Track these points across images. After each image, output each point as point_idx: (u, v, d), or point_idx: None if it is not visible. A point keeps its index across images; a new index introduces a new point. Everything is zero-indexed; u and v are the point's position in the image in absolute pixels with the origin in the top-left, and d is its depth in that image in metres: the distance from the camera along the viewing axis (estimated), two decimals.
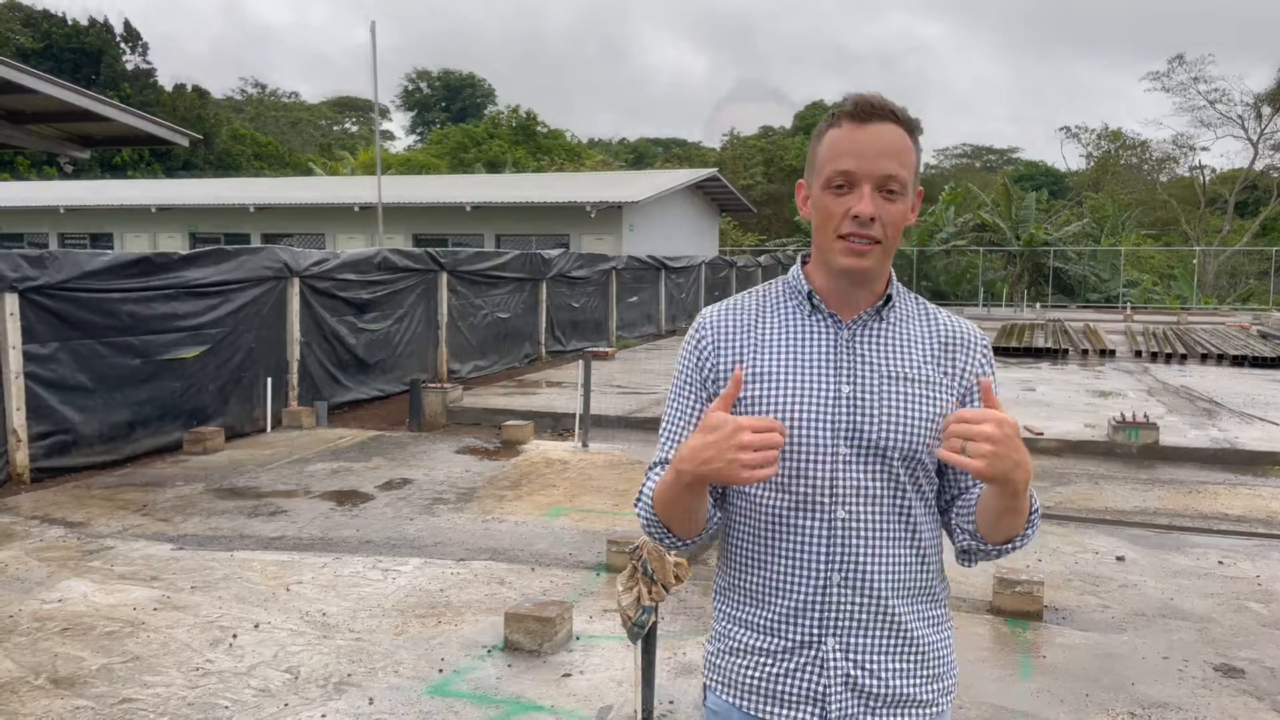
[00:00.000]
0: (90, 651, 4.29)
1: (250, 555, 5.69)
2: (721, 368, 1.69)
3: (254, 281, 9.58)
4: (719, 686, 1.72)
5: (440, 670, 4.16)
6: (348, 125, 72.09)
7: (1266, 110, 42.39)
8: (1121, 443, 9.12)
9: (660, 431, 1.79)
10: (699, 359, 1.72)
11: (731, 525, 1.72)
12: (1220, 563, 5.82)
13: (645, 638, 3.42)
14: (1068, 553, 5.97)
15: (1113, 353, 17.73)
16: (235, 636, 4.47)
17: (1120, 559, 5.86)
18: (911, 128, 1.63)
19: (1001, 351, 17.82)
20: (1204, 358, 16.86)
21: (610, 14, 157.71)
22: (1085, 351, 17.88)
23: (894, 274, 1.71)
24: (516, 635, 4.35)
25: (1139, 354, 17.48)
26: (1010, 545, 1.64)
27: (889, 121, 1.60)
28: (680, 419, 1.73)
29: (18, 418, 7.36)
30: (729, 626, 1.72)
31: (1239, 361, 16.30)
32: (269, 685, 3.99)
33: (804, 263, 1.74)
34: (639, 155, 61.53)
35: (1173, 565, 5.77)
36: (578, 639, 4.49)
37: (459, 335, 13.53)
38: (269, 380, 9.69)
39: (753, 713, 1.67)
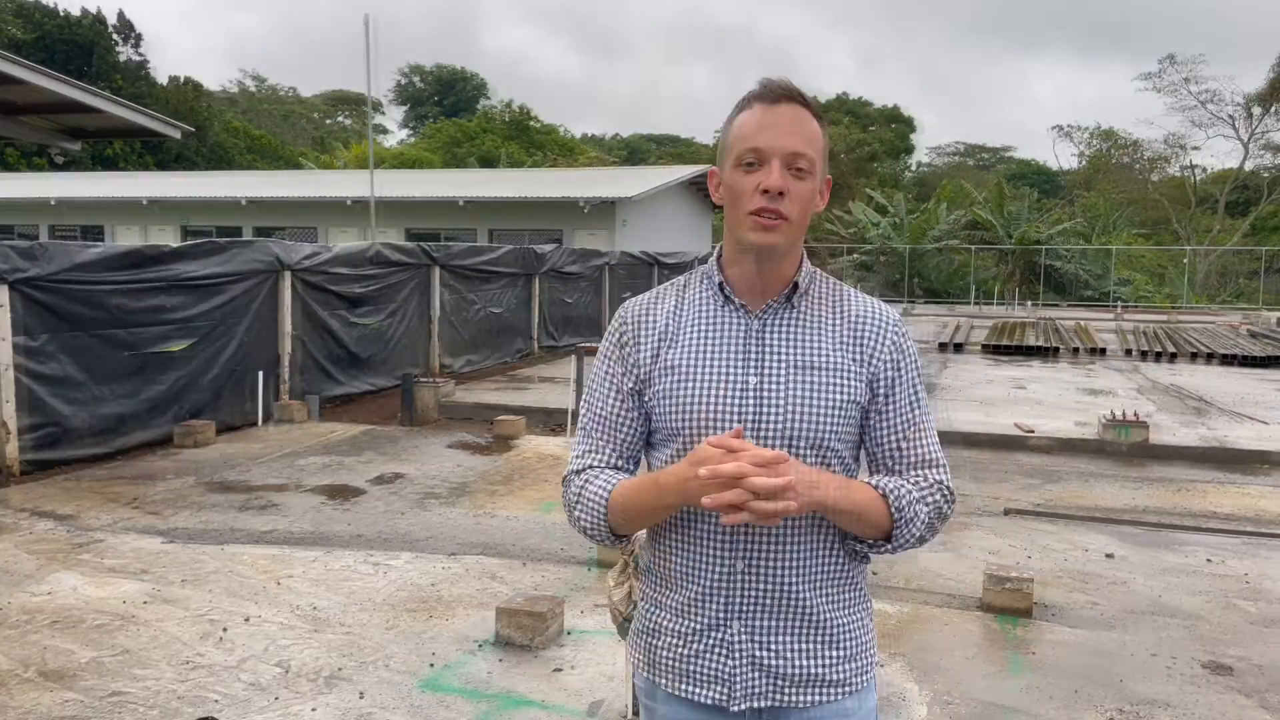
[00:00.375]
0: (80, 644, 4.28)
1: (241, 549, 5.68)
2: (643, 361, 1.72)
3: (246, 275, 9.56)
4: (641, 665, 1.79)
5: (431, 665, 4.15)
6: (341, 119, 71.89)
7: (1257, 110, 42.56)
8: (1112, 441, 9.16)
9: (578, 428, 1.80)
10: (621, 352, 1.75)
11: None
12: (1209, 560, 5.84)
13: None
14: (1058, 550, 6.00)
15: (1104, 351, 17.79)
16: (226, 630, 4.46)
17: (1110, 556, 5.88)
18: (818, 113, 1.67)
19: (993, 349, 17.88)
20: (1194, 356, 16.93)
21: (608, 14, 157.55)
22: (1076, 350, 17.94)
23: (806, 259, 1.73)
24: (508, 630, 4.35)
25: (1130, 352, 17.55)
26: (879, 547, 1.67)
27: (797, 104, 1.63)
28: (600, 413, 1.75)
29: (7, 410, 7.32)
30: (647, 608, 1.78)
31: (1229, 360, 16.37)
32: (259, 679, 3.98)
33: (720, 255, 1.76)
34: (633, 151, 61.48)
35: (1162, 563, 5.79)
36: (569, 634, 4.49)
37: (452, 330, 13.51)
38: (261, 374, 9.67)
39: (670, 690, 1.72)
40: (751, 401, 1.63)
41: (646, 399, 1.71)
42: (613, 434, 1.74)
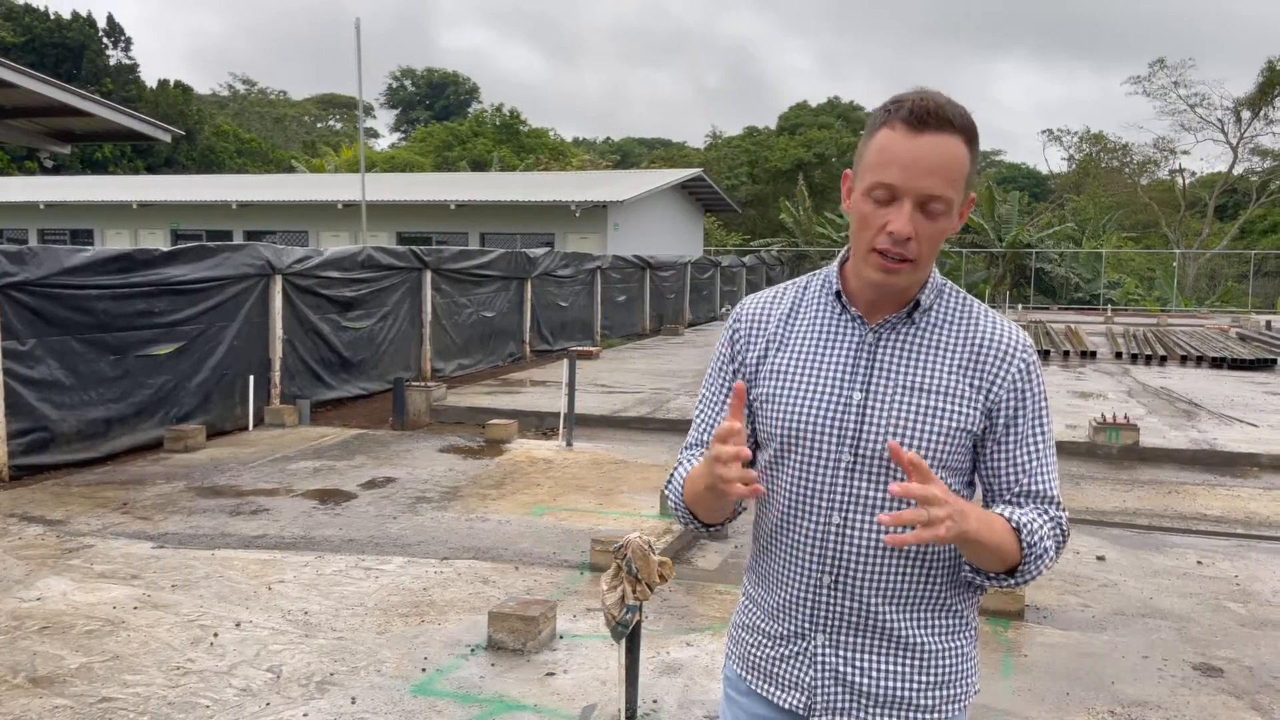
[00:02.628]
0: (69, 650, 4.25)
1: (232, 554, 5.66)
2: (750, 361, 1.71)
3: (236, 279, 9.53)
4: (733, 656, 1.80)
5: (423, 669, 4.14)
6: (332, 122, 71.76)
7: (1246, 115, 42.75)
8: (1102, 443, 9.19)
9: (694, 415, 1.83)
10: (732, 349, 1.75)
11: (760, 508, 1.75)
12: (1199, 563, 5.87)
13: (629, 637, 3.42)
14: None
15: (1094, 354, 17.84)
16: (216, 635, 4.44)
17: (1101, 559, 5.90)
18: (971, 136, 1.53)
19: None
20: (1184, 359, 17.00)
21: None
22: (1066, 353, 17.99)
23: (936, 273, 1.64)
24: (500, 634, 4.34)
25: (1119, 355, 17.60)
26: (1000, 581, 1.59)
27: (946, 133, 1.49)
28: (710, 405, 1.78)
29: None
30: (747, 603, 1.79)
31: (1218, 363, 16.43)
32: (250, 684, 3.96)
33: (844, 260, 1.68)
34: (624, 155, 61.51)
35: (1152, 565, 5.81)
36: (561, 638, 4.49)
37: (443, 334, 13.49)
38: (251, 378, 9.63)
39: (754, 688, 1.73)
40: (854, 418, 1.59)
41: (751, 399, 1.69)
42: (717, 424, 1.70)
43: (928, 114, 1.48)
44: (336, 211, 26.18)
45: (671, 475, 1.76)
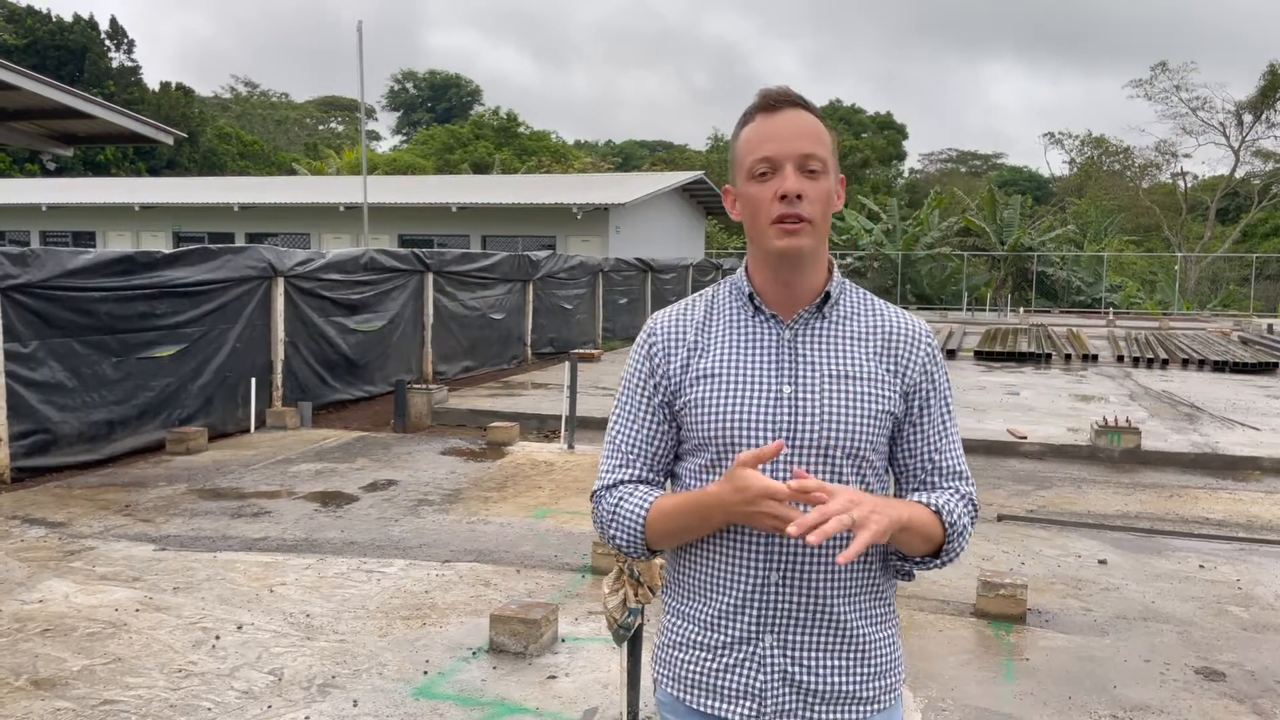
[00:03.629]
0: (71, 652, 4.26)
1: (233, 556, 5.66)
2: (672, 372, 1.70)
3: (238, 281, 9.54)
4: (665, 680, 1.75)
5: (425, 672, 4.14)
6: (334, 125, 71.82)
7: (1248, 118, 42.77)
8: (1104, 447, 9.18)
9: (606, 440, 1.78)
10: (651, 364, 1.73)
11: None
12: (1201, 566, 5.86)
13: (631, 640, 3.42)
14: (1050, 556, 6.01)
15: (1095, 357, 17.84)
16: (218, 638, 4.44)
17: (1102, 562, 5.89)
18: (820, 114, 1.66)
19: (985, 356, 17.92)
20: (1185, 363, 17.00)
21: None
22: (1068, 356, 17.99)
23: (836, 268, 1.72)
24: (501, 637, 4.34)
25: (1121, 359, 17.59)
26: (927, 563, 1.67)
27: (798, 108, 1.63)
28: (630, 426, 1.74)
29: None
30: (674, 620, 1.75)
31: (1220, 367, 16.43)
32: (252, 687, 3.96)
33: (748, 266, 1.74)
34: (626, 158, 61.55)
35: (1154, 569, 5.81)
36: (563, 641, 4.48)
37: (445, 336, 13.49)
38: (253, 380, 9.64)
39: (695, 706, 1.69)
40: (786, 410, 1.62)
41: (678, 409, 1.69)
42: (643, 448, 1.72)
43: (778, 96, 1.64)
44: (338, 214, 26.20)
45: (615, 514, 1.68)
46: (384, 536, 6.15)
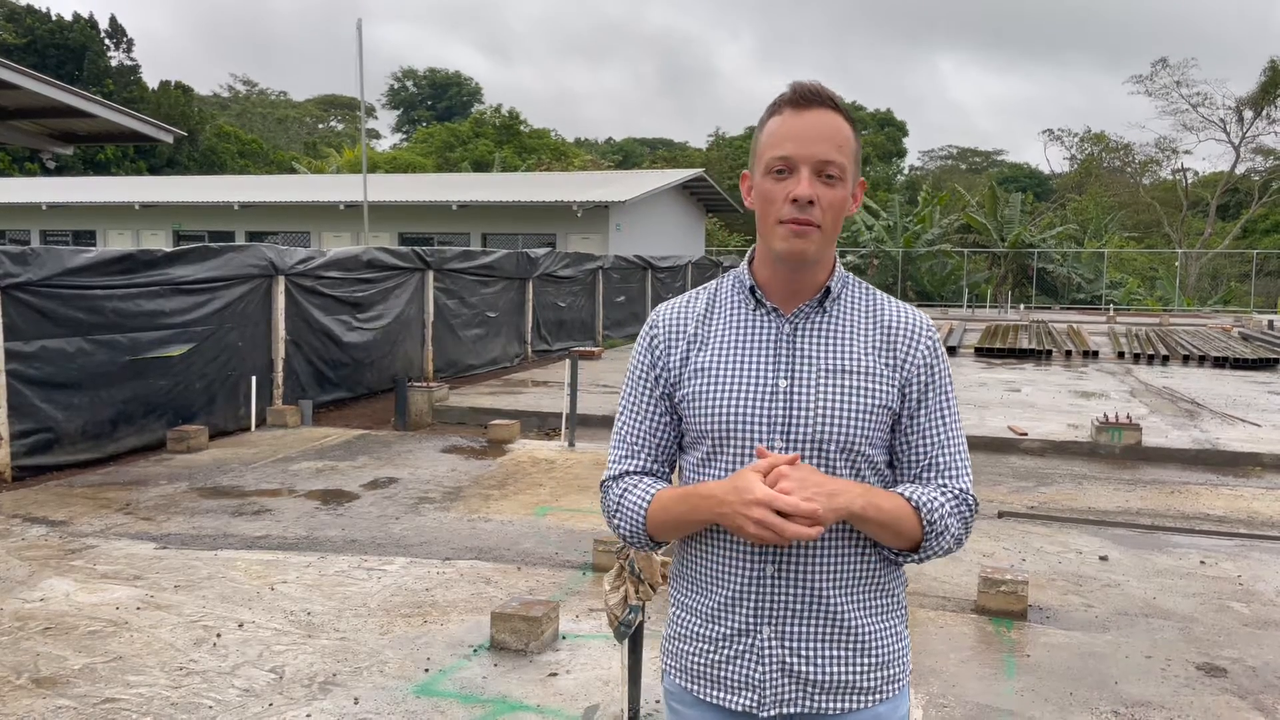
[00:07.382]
0: (73, 651, 4.26)
1: (234, 554, 5.66)
2: (673, 364, 1.73)
3: (239, 279, 9.53)
4: (672, 670, 1.78)
5: (426, 670, 4.14)
6: (334, 123, 71.80)
7: (1248, 114, 42.72)
8: (1105, 443, 9.18)
9: (614, 431, 1.81)
10: (652, 357, 1.75)
11: None
12: (1202, 563, 5.86)
13: (632, 637, 3.43)
14: (1052, 552, 6.01)
15: (1096, 354, 17.83)
16: (219, 636, 4.45)
17: (1104, 559, 5.89)
18: (850, 116, 1.65)
19: (986, 352, 17.92)
20: (1186, 359, 16.99)
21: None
22: (1069, 353, 17.98)
23: (839, 264, 1.73)
24: (503, 635, 4.34)
25: (1122, 355, 17.59)
26: (905, 557, 1.69)
27: (827, 109, 1.62)
28: (634, 418, 1.77)
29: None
30: (678, 612, 1.78)
31: (1220, 363, 16.42)
32: (253, 685, 3.97)
33: (752, 258, 1.76)
34: (626, 155, 61.51)
35: (1155, 565, 5.80)
36: (564, 638, 4.49)
37: (445, 334, 13.49)
38: (254, 379, 9.64)
39: (701, 696, 1.72)
40: (781, 405, 1.63)
41: (677, 401, 1.72)
42: (647, 439, 1.75)
43: (810, 93, 1.63)
44: (339, 212, 26.20)
45: (620, 504, 1.72)
46: (385, 534, 6.15)
